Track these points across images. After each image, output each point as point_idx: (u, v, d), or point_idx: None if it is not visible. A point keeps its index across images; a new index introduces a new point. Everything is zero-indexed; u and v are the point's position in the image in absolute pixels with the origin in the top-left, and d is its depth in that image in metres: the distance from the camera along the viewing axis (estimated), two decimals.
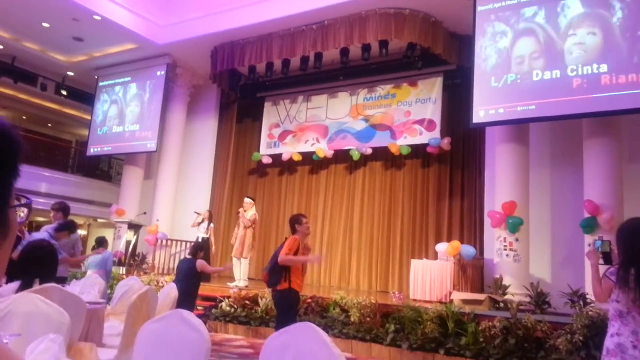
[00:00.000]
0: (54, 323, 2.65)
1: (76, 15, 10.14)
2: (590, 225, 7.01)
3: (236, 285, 8.46)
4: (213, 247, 10.00)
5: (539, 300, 6.66)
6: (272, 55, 10.07)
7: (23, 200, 0.81)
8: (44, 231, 5.39)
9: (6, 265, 0.71)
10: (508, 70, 7.63)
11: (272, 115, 12.25)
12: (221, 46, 10.71)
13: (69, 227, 5.69)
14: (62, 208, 5.87)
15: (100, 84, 12.81)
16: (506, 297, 6.96)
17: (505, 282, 7.24)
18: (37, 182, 12.16)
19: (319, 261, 4.80)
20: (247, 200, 9.17)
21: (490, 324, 5.95)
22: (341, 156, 11.16)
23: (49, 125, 16.37)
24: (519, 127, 7.99)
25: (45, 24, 10.74)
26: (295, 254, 4.83)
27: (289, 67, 10.42)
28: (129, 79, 12.29)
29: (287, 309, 4.89)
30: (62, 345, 2.11)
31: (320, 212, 11.25)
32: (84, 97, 13.88)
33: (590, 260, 3.32)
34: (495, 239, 7.86)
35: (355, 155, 10.74)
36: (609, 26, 6.95)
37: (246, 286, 8.59)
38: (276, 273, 4.85)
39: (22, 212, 0.83)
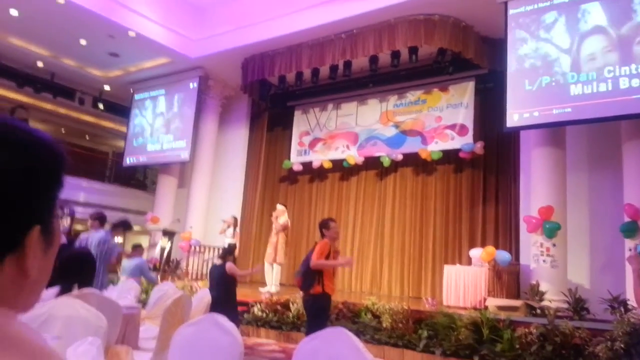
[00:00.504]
0: (93, 327, 2.73)
1: (112, 32, 10.47)
2: (631, 230, 6.79)
3: (268, 291, 8.52)
4: (236, 251, 10.08)
5: (577, 306, 6.46)
6: (302, 65, 10.15)
7: (66, 210, 0.86)
8: (103, 231, 5.80)
9: (51, 271, 0.75)
10: (542, 73, 7.49)
11: (302, 123, 12.34)
12: (252, 58, 10.88)
13: (124, 225, 6.00)
14: (99, 217, 6.17)
15: (136, 97, 13.17)
16: (543, 303, 6.77)
17: (542, 288, 7.06)
18: (76, 192, 12.55)
19: (350, 265, 4.82)
20: (279, 207, 9.33)
21: (527, 330, 5.81)
22: (372, 163, 11.13)
23: (87, 137, 16.90)
24: (554, 131, 7.82)
25: (82, 41, 11.13)
26: (327, 258, 4.86)
27: (319, 76, 10.48)
28: (163, 92, 12.60)
29: (319, 313, 4.90)
30: (100, 348, 2.18)
31: (351, 218, 11.24)
32: (120, 110, 14.30)
33: (632, 265, 3.22)
34: (532, 245, 7.69)
35: (386, 162, 10.70)
36: None
37: (277, 292, 8.63)
38: (309, 277, 4.89)
39: (66, 221, 0.88)
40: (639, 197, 6.82)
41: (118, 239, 6.12)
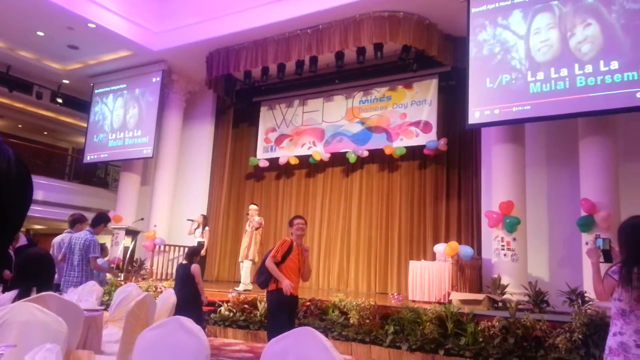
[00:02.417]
0: (52, 332, 2.64)
1: (71, 23, 10.14)
2: (587, 224, 7.03)
3: (234, 289, 8.46)
4: (204, 249, 9.94)
5: (538, 299, 6.67)
6: (268, 60, 10.08)
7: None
8: (85, 230, 5.84)
9: None
10: (503, 71, 7.66)
11: (268, 119, 12.27)
12: (216, 52, 10.72)
13: (102, 219, 5.91)
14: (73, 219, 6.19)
15: (96, 91, 12.81)
16: (505, 296, 6.96)
17: (504, 281, 7.25)
18: (34, 190, 12.12)
19: (287, 291, 4.79)
20: (252, 207, 9.35)
21: (490, 323, 5.95)
22: (338, 159, 11.16)
23: (45, 133, 16.35)
24: (514, 127, 8.02)
25: (40, 33, 10.74)
26: (286, 255, 4.85)
27: (285, 72, 10.44)
28: (125, 85, 12.30)
29: (275, 310, 4.87)
30: (59, 354, 2.11)
31: (318, 215, 11.26)
32: (80, 104, 13.88)
33: (591, 258, 3.30)
34: (493, 239, 7.88)
35: (352, 158, 10.75)
36: (604, 26, 6.99)
37: (245, 290, 8.57)
38: (264, 273, 4.90)
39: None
40: (595, 192, 7.06)
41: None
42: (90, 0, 9.92)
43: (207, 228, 10.05)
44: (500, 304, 6.80)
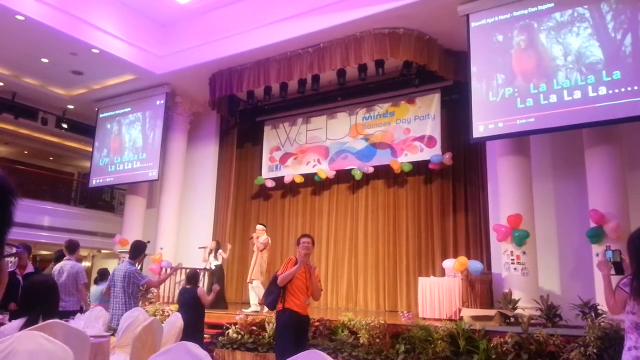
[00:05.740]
0: None
1: (75, 49, 10.26)
2: (597, 235, 6.96)
3: (242, 311, 8.38)
4: (225, 271, 10.11)
5: (550, 313, 6.55)
6: (270, 80, 10.13)
7: (14, 250, 0.79)
8: (126, 262, 5.90)
9: None
10: (505, 84, 7.66)
11: (272, 138, 12.30)
12: (219, 73, 10.80)
13: (140, 247, 5.96)
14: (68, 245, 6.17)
15: (101, 115, 12.90)
16: (516, 311, 6.85)
17: (515, 296, 7.14)
18: (40, 215, 12.16)
19: (304, 264, 4.79)
20: (259, 226, 9.38)
21: (502, 339, 5.84)
22: (343, 176, 11.15)
23: (51, 158, 16.45)
24: (519, 139, 7.99)
25: (44, 60, 10.87)
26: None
27: (287, 91, 10.48)
28: (129, 109, 12.38)
29: (281, 330, 4.82)
30: None
31: (325, 233, 11.20)
32: (85, 129, 13.97)
33: (601, 271, 3.25)
34: (502, 253, 7.79)
35: (357, 175, 10.73)
36: (604, 37, 7.00)
37: (255, 312, 8.48)
38: (271, 294, 4.89)
39: (11, 260, 0.81)
40: (604, 203, 7.00)
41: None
42: (93, 26, 10.02)
43: (220, 250, 10.06)
44: (512, 319, 6.68)
